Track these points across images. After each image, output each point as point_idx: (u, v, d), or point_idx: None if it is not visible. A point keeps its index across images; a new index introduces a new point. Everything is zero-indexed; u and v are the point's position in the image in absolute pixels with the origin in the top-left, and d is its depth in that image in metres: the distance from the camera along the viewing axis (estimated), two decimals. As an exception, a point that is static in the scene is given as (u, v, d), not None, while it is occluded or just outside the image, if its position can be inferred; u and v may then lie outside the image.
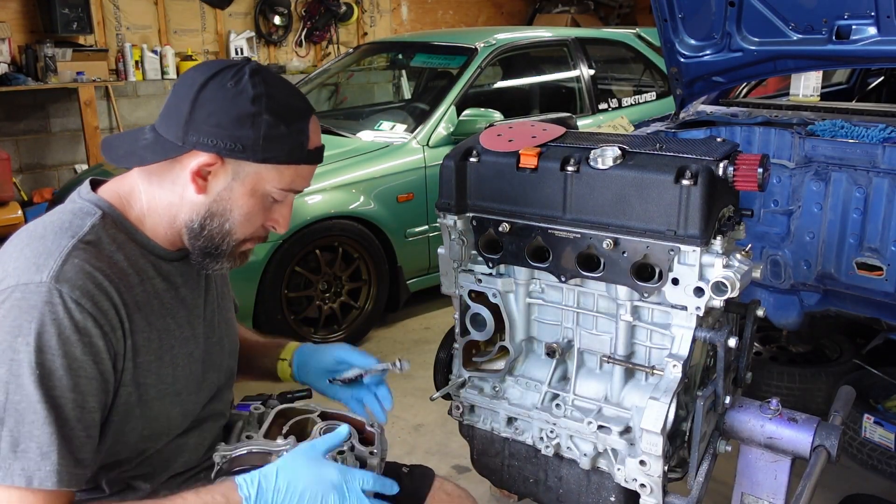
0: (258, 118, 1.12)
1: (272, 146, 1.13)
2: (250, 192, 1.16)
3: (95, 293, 1.07)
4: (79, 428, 1.06)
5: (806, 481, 1.53)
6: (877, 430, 2.51)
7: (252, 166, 1.14)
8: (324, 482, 1.13)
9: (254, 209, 1.18)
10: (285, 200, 1.22)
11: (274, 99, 1.14)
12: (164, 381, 1.20)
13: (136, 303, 1.14)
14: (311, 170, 1.21)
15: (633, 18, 8.96)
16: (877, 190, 2.26)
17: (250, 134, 1.12)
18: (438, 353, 1.84)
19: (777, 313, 2.54)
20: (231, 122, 1.11)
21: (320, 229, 3.56)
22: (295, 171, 1.18)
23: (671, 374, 1.49)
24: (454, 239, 1.69)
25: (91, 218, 1.14)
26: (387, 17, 8.03)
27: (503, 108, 4.17)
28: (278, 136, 1.13)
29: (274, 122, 1.13)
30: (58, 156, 5.95)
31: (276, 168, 1.15)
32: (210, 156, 1.12)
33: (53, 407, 1.03)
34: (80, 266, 1.07)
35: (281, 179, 1.17)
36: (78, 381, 1.05)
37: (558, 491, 1.72)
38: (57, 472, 1.02)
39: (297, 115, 1.16)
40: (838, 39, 2.31)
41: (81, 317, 1.05)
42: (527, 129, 1.69)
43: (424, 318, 4.19)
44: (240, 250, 1.24)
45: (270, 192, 1.17)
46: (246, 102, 1.11)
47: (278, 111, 1.13)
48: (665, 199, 1.44)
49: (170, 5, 6.41)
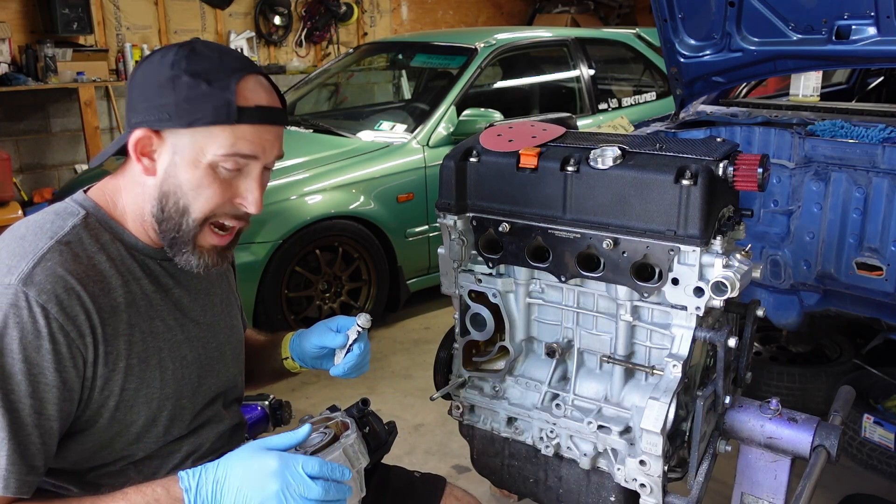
0: (177, 81, 1.08)
1: (195, 108, 1.08)
2: (193, 163, 1.10)
3: (64, 298, 1.05)
4: (35, 434, 1.03)
5: (806, 481, 1.53)
6: (877, 430, 2.51)
7: (185, 134, 1.09)
8: (262, 469, 1.05)
9: (203, 181, 1.11)
10: (246, 173, 1.14)
11: (193, 60, 1.09)
12: (150, 384, 1.17)
13: (113, 306, 1.11)
14: (258, 131, 1.12)
15: (633, 18, 8.97)
16: (877, 190, 2.26)
17: (172, 99, 1.08)
18: (438, 353, 1.84)
19: (777, 313, 2.54)
20: (154, 92, 1.09)
21: (320, 229, 3.56)
22: (232, 132, 1.10)
23: (671, 374, 1.49)
24: (454, 239, 1.69)
25: (73, 218, 1.13)
26: (387, 17, 8.03)
27: (503, 108, 4.18)
28: (199, 95, 1.08)
29: (193, 82, 1.08)
30: (58, 156, 5.95)
31: (208, 131, 1.09)
32: (142, 131, 1.10)
33: (8, 411, 1.01)
34: (51, 269, 1.05)
35: (217, 143, 1.09)
36: (37, 388, 1.03)
37: (558, 491, 1.72)
38: (4, 478, 1.01)
39: (221, 73, 1.09)
40: (838, 39, 2.31)
41: (45, 322, 1.03)
42: (527, 129, 1.69)
43: (424, 318, 4.19)
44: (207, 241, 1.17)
45: (215, 161, 1.10)
46: (165, 69, 1.09)
47: (198, 71, 1.08)
48: (665, 199, 1.44)
49: (170, 5, 6.41)
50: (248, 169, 1.14)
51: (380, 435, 1.35)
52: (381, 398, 3.27)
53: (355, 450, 1.26)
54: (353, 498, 1.22)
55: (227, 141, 1.10)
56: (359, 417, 1.33)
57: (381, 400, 3.25)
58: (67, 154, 5.98)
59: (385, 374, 3.53)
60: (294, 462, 1.06)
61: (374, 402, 1.41)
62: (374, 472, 1.44)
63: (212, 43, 1.16)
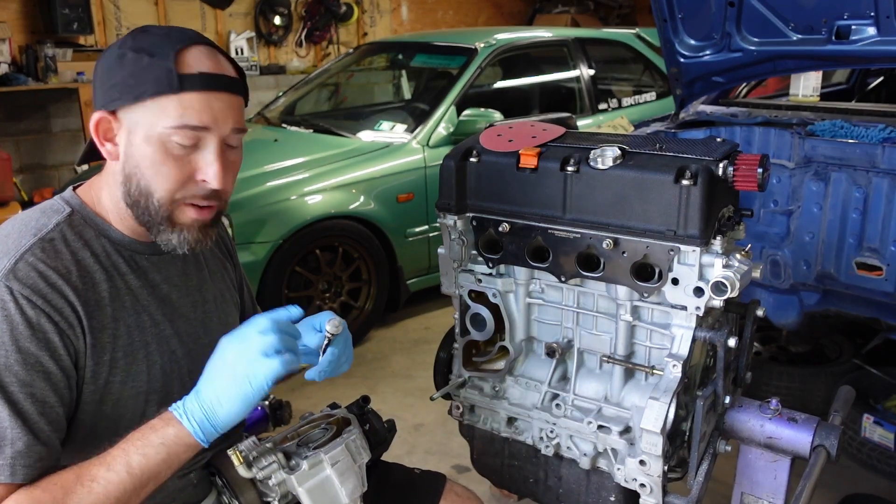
0: (123, 58, 1.09)
1: (139, 81, 1.08)
2: (146, 140, 1.10)
3: (48, 292, 1.06)
4: (42, 422, 1.05)
5: (806, 481, 1.53)
6: (876, 429, 2.51)
7: (136, 111, 1.09)
8: (246, 334, 1.09)
9: (159, 158, 1.10)
10: (202, 146, 1.12)
11: (139, 37, 1.11)
12: (137, 379, 1.18)
13: (97, 300, 1.12)
14: (203, 99, 1.10)
15: (633, 18, 8.97)
16: (876, 190, 2.25)
17: (119, 76, 1.09)
18: (438, 353, 1.84)
19: (777, 313, 2.54)
20: (105, 73, 1.11)
21: (320, 229, 3.56)
22: (178, 101, 1.08)
23: (671, 374, 1.49)
24: (454, 239, 1.69)
25: (57, 216, 1.15)
26: (387, 18, 8.03)
27: (503, 108, 4.18)
28: (143, 68, 1.08)
29: (137, 56, 1.08)
30: (58, 156, 5.95)
31: (155, 103, 1.08)
32: (99, 114, 1.11)
33: (8, 402, 1.02)
34: (32, 265, 1.06)
35: (165, 115, 1.08)
36: (34, 377, 1.04)
37: (558, 491, 1.73)
38: (10, 466, 1.02)
39: (165, 45, 1.09)
40: (838, 39, 2.31)
41: (34, 313, 1.04)
42: (527, 129, 1.69)
43: (424, 318, 4.19)
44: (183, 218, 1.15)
45: (166, 135, 1.09)
46: (114, 50, 1.11)
47: (142, 46, 1.09)
48: (665, 199, 1.44)
49: (170, 5, 6.41)
50: (205, 142, 1.12)
51: (380, 432, 1.37)
52: (381, 398, 3.27)
53: (357, 445, 1.27)
54: (354, 491, 1.24)
55: (175, 112, 1.08)
56: (359, 415, 1.35)
57: (381, 400, 3.25)
58: (67, 154, 5.98)
59: (385, 374, 3.53)
60: (249, 331, 1.09)
61: (374, 402, 1.41)
62: (374, 468, 1.44)
63: (164, 26, 1.17)
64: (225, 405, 1.06)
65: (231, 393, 1.06)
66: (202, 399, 1.07)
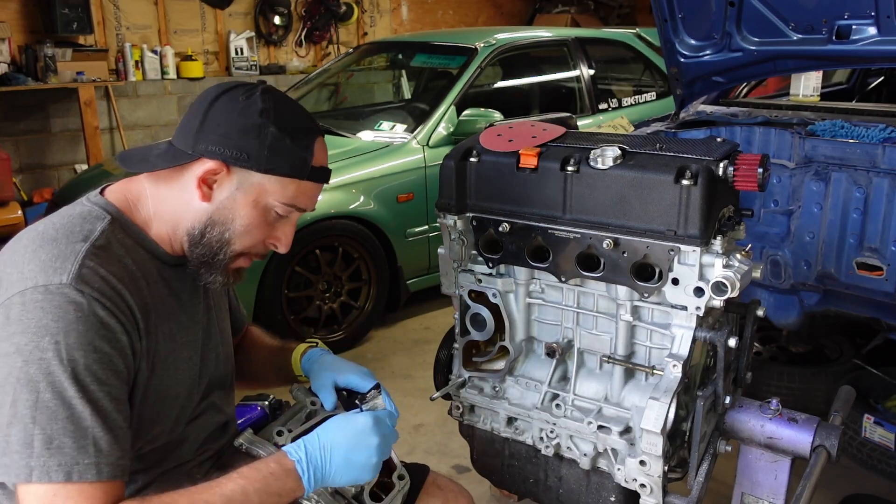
0: (264, 130, 1.16)
1: (276, 158, 1.17)
2: (253, 204, 1.19)
3: (112, 295, 1.10)
4: (119, 420, 1.08)
5: (806, 481, 1.53)
6: (877, 430, 2.51)
7: (256, 177, 1.18)
8: (359, 429, 1.21)
9: (255, 221, 1.20)
10: (289, 218, 1.25)
11: (281, 114, 1.18)
12: (165, 383, 1.21)
13: (144, 306, 1.16)
14: (315, 188, 1.24)
15: (633, 18, 8.97)
16: (877, 190, 2.25)
17: (255, 144, 1.16)
18: (438, 353, 1.84)
19: (777, 313, 2.54)
20: (238, 132, 1.16)
21: (320, 229, 3.56)
22: (298, 186, 1.20)
23: (671, 374, 1.49)
24: (454, 239, 1.69)
25: (101, 222, 1.16)
26: (387, 17, 8.03)
27: (503, 108, 4.17)
28: (282, 148, 1.17)
29: (279, 135, 1.16)
30: (58, 156, 5.95)
31: (279, 181, 1.18)
32: (216, 163, 1.16)
33: (90, 401, 1.04)
34: (94, 269, 1.09)
35: (284, 193, 1.19)
36: (108, 375, 1.07)
37: (558, 491, 1.73)
38: (96, 465, 1.03)
39: (303, 132, 1.20)
40: (838, 39, 2.31)
41: (105, 314, 1.07)
42: (527, 129, 1.69)
43: (424, 318, 4.19)
44: (235, 265, 1.25)
45: (273, 206, 1.20)
46: (254, 114, 1.16)
47: (284, 126, 1.17)
48: (665, 199, 1.44)
49: (170, 5, 6.41)
50: (292, 216, 1.25)
51: None
52: (381, 398, 3.26)
53: None
54: None
55: (292, 193, 1.20)
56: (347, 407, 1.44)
57: (381, 400, 3.24)
58: (67, 154, 5.98)
59: (385, 374, 3.52)
60: (381, 415, 1.27)
61: (374, 402, 1.42)
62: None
63: (286, 96, 1.25)
64: (336, 480, 1.20)
65: (345, 478, 1.21)
66: (326, 473, 1.18)
